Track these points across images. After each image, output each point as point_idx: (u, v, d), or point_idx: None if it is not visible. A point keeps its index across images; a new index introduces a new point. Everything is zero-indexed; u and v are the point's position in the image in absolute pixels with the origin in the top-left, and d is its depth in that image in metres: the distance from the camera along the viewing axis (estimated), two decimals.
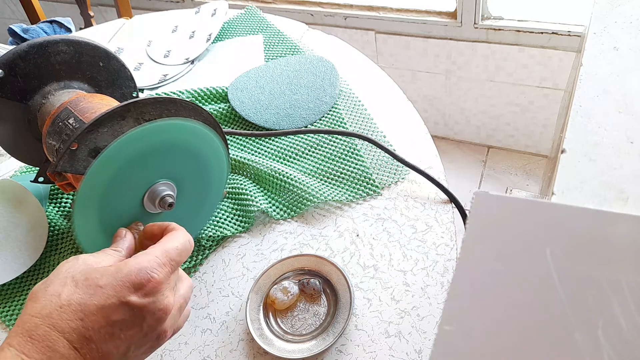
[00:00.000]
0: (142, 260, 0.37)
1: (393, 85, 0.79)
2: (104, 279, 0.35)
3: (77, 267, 0.37)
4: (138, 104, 0.49)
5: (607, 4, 0.64)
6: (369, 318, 0.52)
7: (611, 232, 0.27)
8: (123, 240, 0.43)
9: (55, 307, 0.34)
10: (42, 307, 0.34)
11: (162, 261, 0.38)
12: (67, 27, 1.14)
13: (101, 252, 0.40)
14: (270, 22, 0.98)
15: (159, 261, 0.38)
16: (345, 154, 0.68)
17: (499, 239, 0.28)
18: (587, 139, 0.49)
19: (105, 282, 0.35)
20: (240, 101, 0.78)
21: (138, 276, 0.36)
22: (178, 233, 0.42)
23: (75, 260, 0.38)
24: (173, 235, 0.41)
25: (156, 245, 0.40)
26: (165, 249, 0.39)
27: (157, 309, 0.37)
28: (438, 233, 0.58)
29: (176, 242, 0.40)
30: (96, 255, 0.39)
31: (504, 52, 1.40)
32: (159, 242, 0.41)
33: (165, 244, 0.40)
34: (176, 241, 0.41)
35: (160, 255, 0.38)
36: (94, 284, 0.35)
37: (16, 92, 0.58)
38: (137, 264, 0.37)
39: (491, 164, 1.65)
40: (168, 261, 0.39)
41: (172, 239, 0.41)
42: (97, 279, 0.35)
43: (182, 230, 0.43)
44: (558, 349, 0.24)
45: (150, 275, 0.37)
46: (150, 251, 0.39)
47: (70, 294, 0.34)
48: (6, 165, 0.79)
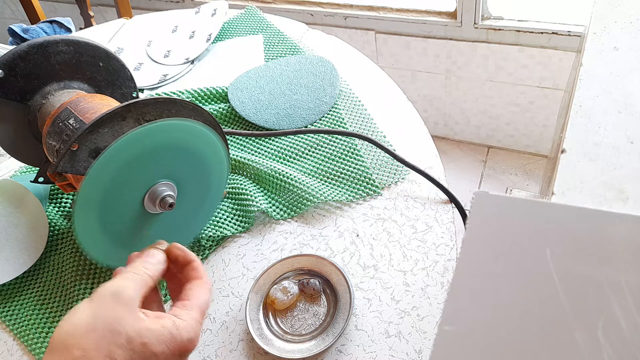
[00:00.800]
0: (190, 329, 0.37)
1: (393, 85, 0.79)
2: (159, 346, 0.35)
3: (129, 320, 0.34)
4: (138, 105, 0.49)
5: (607, 4, 0.64)
6: (369, 318, 0.52)
7: (611, 232, 0.27)
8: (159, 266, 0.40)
9: None
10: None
11: (201, 323, 0.38)
12: (67, 27, 1.14)
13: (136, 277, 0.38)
14: (270, 22, 0.98)
15: (200, 326, 0.38)
16: (345, 154, 0.68)
17: (499, 239, 0.28)
18: (587, 139, 0.49)
19: (160, 350, 0.34)
20: (240, 101, 0.78)
21: (187, 347, 0.36)
22: (205, 284, 0.41)
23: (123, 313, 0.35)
24: (203, 285, 0.41)
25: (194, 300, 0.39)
26: (202, 307, 0.39)
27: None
28: (438, 233, 0.58)
29: (207, 296, 0.40)
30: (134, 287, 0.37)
31: (504, 52, 1.40)
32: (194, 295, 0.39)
33: (201, 302, 0.39)
34: (207, 294, 0.40)
35: (200, 318, 0.38)
36: (150, 352, 0.34)
37: (16, 92, 0.58)
38: (187, 330, 0.36)
39: (491, 164, 1.65)
40: (203, 319, 0.39)
41: (203, 291, 0.40)
42: (154, 345, 0.34)
43: (206, 277, 0.42)
44: (558, 349, 0.24)
45: (193, 345, 0.37)
46: (194, 315, 0.38)
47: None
48: (6, 165, 0.79)
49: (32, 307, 0.60)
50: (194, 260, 0.42)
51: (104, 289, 0.35)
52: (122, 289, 0.36)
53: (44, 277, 0.62)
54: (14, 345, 0.57)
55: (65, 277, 0.61)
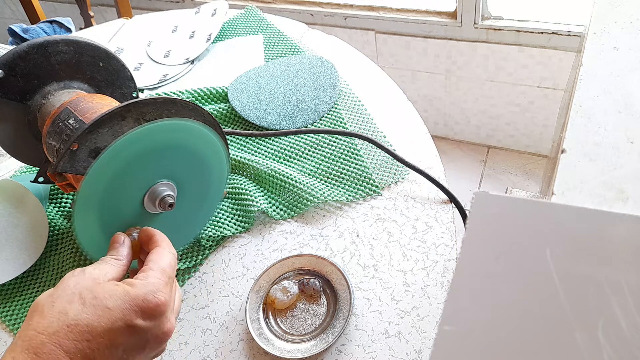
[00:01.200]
0: (147, 283, 0.37)
1: (393, 85, 0.79)
2: (112, 300, 0.35)
3: (84, 282, 0.36)
4: (138, 104, 0.49)
5: (607, 4, 0.64)
6: (369, 318, 0.52)
7: (611, 232, 0.27)
8: (122, 247, 0.43)
9: (62, 326, 0.33)
10: (49, 324, 0.34)
11: (164, 281, 0.39)
12: (67, 27, 1.14)
13: (103, 263, 0.40)
14: (270, 22, 0.98)
15: (162, 282, 0.38)
16: (345, 154, 0.68)
17: (499, 239, 0.28)
18: (587, 139, 0.49)
19: (113, 304, 0.35)
20: (240, 101, 0.78)
21: (145, 300, 0.36)
22: (164, 248, 0.42)
23: (81, 274, 0.37)
24: (161, 251, 0.42)
25: (151, 264, 0.40)
26: (162, 267, 0.39)
27: (161, 332, 0.37)
28: (438, 233, 0.58)
29: (168, 258, 0.41)
30: (100, 267, 0.39)
31: (504, 52, 1.40)
32: (152, 259, 0.41)
33: (159, 262, 0.40)
34: (167, 257, 0.41)
35: (161, 276, 0.39)
36: (102, 304, 0.35)
37: (16, 92, 0.58)
38: (143, 286, 0.37)
39: (491, 164, 1.65)
40: (168, 280, 0.39)
41: (162, 255, 0.41)
42: (106, 299, 0.35)
43: (166, 242, 0.43)
44: (558, 349, 0.24)
45: (157, 299, 0.37)
46: (150, 273, 0.39)
47: (78, 313, 0.34)
48: (6, 165, 0.79)
49: None
50: (155, 234, 0.44)
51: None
52: (85, 268, 0.38)
53: (44, 277, 0.62)
54: None
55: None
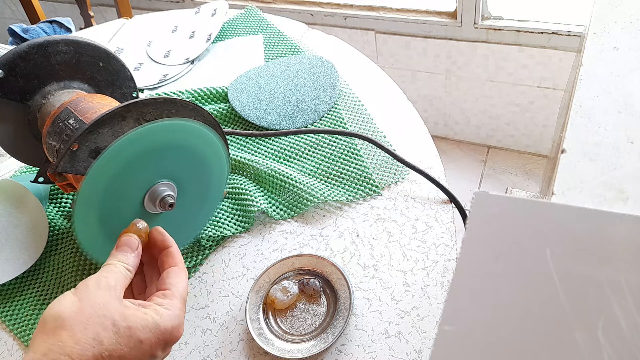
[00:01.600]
0: (174, 317, 0.37)
1: (393, 85, 0.79)
2: (144, 332, 0.35)
3: (112, 304, 0.35)
4: (138, 105, 0.49)
5: (607, 4, 0.64)
6: (369, 318, 0.52)
7: (611, 232, 0.27)
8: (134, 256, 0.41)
9: (96, 355, 0.33)
10: (83, 352, 0.32)
11: (184, 311, 0.39)
12: (67, 27, 1.14)
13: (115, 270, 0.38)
14: (270, 22, 0.98)
15: (183, 313, 0.39)
16: (345, 154, 0.68)
17: (499, 239, 0.28)
18: (587, 139, 0.49)
19: (145, 337, 0.35)
20: (240, 101, 0.78)
21: (172, 335, 0.37)
22: (182, 269, 0.42)
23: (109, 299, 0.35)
24: (180, 273, 0.41)
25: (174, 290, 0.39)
26: (182, 295, 0.40)
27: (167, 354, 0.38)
28: (438, 233, 0.58)
29: (185, 282, 0.41)
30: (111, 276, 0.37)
31: (504, 52, 1.40)
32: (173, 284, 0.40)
33: (180, 288, 0.40)
34: (185, 281, 0.41)
35: (182, 306, 0.39)
36: (135, 336, 0.35)
37: (16, 92, 0.58)
38: (171, 320, 0.37)
39: (491, 164, 1.65)
40: (184, 307, 0.39)
41: (181, 279, 0.41)
42: (139, 330, 0.35)
43: (182, 261, 0.43)
44: (558, 349, 0.24)
45: (179, 333, 0.38)
46: (175, 302, 0.38)
47: (112, 344, 0.33)
48: (6, 165, 0.79)
49: (32, 307, 0.60)
50: (171, 245, 0.43)
51: (86, 280, 0.37)
52: (102, 279, 0.37)
53: (44, 277, 0.62)
54: (14, 345, 0.57)
55: (65, 277, 0.61)
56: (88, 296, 0.35)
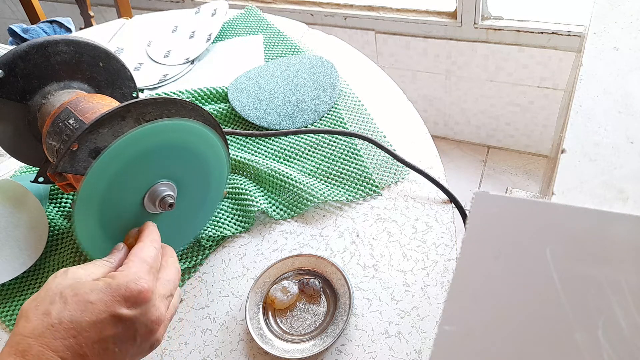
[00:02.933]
0: (128, 272, 0.38)
1: (393, 85, 0.79)
2: (93, 294, 0.35)
3: (65, 282, 0.37)
4: (138, 105, 0.49)
5: (607, 4, 0.64)
6: (369, 318, 0.52)
7: (611, 232, 0.27)
8: (118, 252, 0.43)
9: (47, 326, 0.34)
10: (34, 327, 0.34)
11: (145, 269, 0.39)
12: (67, 27, 1.14)
13: (90, 264, 0.40)
14: (270, 22, 0.98)
15: (142, 270, 0.39)
16: (345, 154, 0.68)
17: (499, 239, 0.28)
18: (587, 139, 0.49)
19: (95, 297, 0.35)
20: (240, 101, 0.78)
21: (128, 288, 0.36)
22: (145, 242, 0.43)
23: (64, 275, 0.37)
24: (142, 245, 0.42)
25: (131, 257, 0.40)
26: (141, 257, 0.40)
27: (150, 321, 0.37)
28: (438, 233, 0.58)
29: (148, 250, 0.41)
30: (85, 267, 0.39)
31: (504, 52, 1.40)
32: (132, 253, 0.41)
33: (139, 254, 0.40)
34: (148, 249, 0.41)
35: (141, 265, 0.39)
36: (84, 299, 0.35)
37: (16, 92, 0.58)
38: (124, 276, 0.37)
39: (491, 164, 1.65)
40: (149, 269, 0.39)
41: (142, 247, 0.42)
42: (87, 294, 0.35)
43: (149, 237, 0.43)
44: (558, 349, 0.24)
45: (139, 285, 0.37)
46: (130, 264, 0.39)
47: (60, 312, 0.34)
48: (6, 165, 0.79)
49: None
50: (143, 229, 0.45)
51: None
52: (68, 269, 0.38)
53: (44, 277, 0.62)
54: None
55: None
56: (45, 285, 0.37)
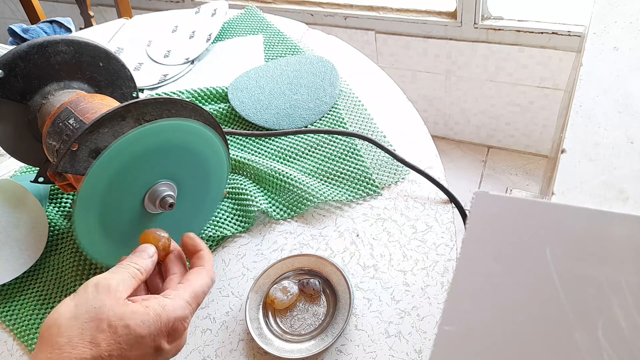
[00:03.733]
0: (178, 307, 0.37)
1: (393, 85, 0.79)
2: (145, 327, 0.35)
3: (109, 304, 0.35)
4: (139, 105, 0.49)
5: (607, 4, 0.64)
6: (369, 318, 0.52)
7: (611, 232, 0.27)
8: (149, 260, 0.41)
9: (95, 357, 0.32)
10: (80, 355, 0.32)
11: (193, 307, 0.38)
12: (67, 27, 1.14)
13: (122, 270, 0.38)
14: (270, 22, 0.98)
15: (191, 308, 0.38)
16: (345, 154, 0.68)
17: (499, 239, 0.28)
18: (587, 139, 0.49)
19: (146, 332, 0.35)
20: (240, 101, 0.78)
21: (174, 326, 0.36)
22: (206, 271, 0.41)
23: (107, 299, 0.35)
24: (201, 273, 0.41)
25: (187, 285, 0.39)
26: (195, 292, 0.39)
27: (177, 349, 0.38)
28: (438, 233, 0.58)
29: (204, 284, 0.40)
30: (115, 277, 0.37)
31: (504, 52, 1.40)
32: (189, 279, 0.40)
33: (195, 286, 0.39)
34: (204, 283, 0.40)
35: (191, 302, 0.38)
36: (135, 333, 0.34)
37: (16, 92, 0.58)
38: (174, 312, 0.36)
39: (491, 164, 1.65)
40: (196, 305, 0.39)
41: (201, 278, 0.40)
42: (139, 326, 0.34)
43: (210, 264, 0.42)
44: (558, 349, 0.24)
45: (184, 326, 0.37)
46: (182, 294, 0.38)
47: (111, 345, 0.33)
48: (6, 165, 0.79)
49: (32, 307, 0.60)
50: (202, 249, 0.43)
51: (86, 282, 0.36)
52: (103, 280, 0.36)
53: (44, 277, 0.62)
54: (14, 345, 0.57)
55: (65, 277, 0.61)
56: (85, 300, 0.35)
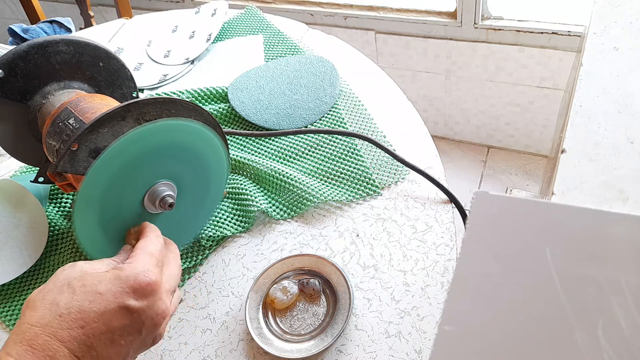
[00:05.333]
0: (136, 264, 0.38)
1: (393, 85, 0.79)
2: (102, 285, 0.35)
3: (73, 273, 0.37)
4: (138, 104, 0.49)
5: (607, 4, 0.64)
6: (369, 318, 0.52)
7: (611, 232, 0.27)
8: (124, 252, 0.43)
9: (54, 316, 0.33)
10: (41, 316, 0.34)
11: (153, 262, 0.39)
12: (67, 27, 1.14)
13: (97, 261, 0.40)
14: (270, 22, 0.98)
15: (151, 263, 0.39)
16: (345, 154, 0.68)
17: (499, 239, 0.28)
18: (587, 139, 0.49)
19: (104, 288, 0.35)
20: (240, 101, 0.78)
21: (136, 279, 0.36)
22: (150, 236, 0.43)
23: (72, 267, 0.38)
24: (147, 239, 0.42)
25: (138, 250, 0.40)
26: (149, 251, 0.40)
27: (155, 314, 0.37)
28: (438, 233, 0.58)
29: (154, 244, 0.42)
30: (92, 263, 0.39)
31: (504, 52, 1.40)
32: (138, 246, 0.41)
33: (146, 248, 0.41)
34: (154, 243, 0.42)
35: (149, 258, 0.39)
36: (92, 290, 0.35)
37: (16, 92, 0.58)
38: (133, 268, 0.37)
39: (491, 164, 1.65)
40: (156, 262, 0.39)
41: (148, 241, 0.42)
42: (96, 285, 0.35)
43: (153, 232, 0.44)
44: (558, 349, 0.24)
45: (147, 277, 0.37)
46: (138, 257, 0.39)
47: (69, 302, 0.34)
48: (6, 165, 0.79)
49: None
50: (144, 227, 0.45)
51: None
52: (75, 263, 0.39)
53: (44, 277, 0.62)
54: None
55: None
56: (53, 277, 0.37)
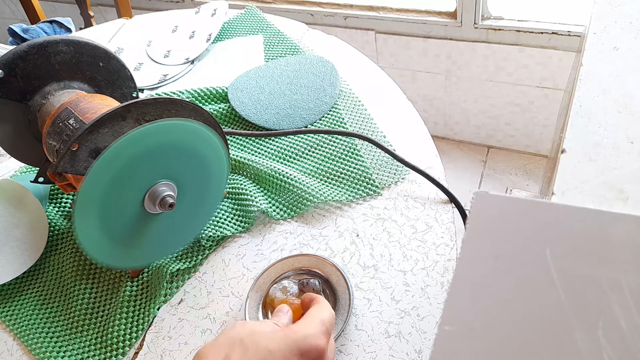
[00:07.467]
0: (307, 327, 0.39)
1: (393, 85, 0.79)
2: (274, 344, 0.37)
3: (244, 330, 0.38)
4: (139, 105, 0.49)
5: (607, 4, 0.64)
6: (369, 318, 0.52)
7: (611, 232, 0.27)
8: (284, 315, 0.45)
9: None
10: None
11: (322, 330, 0.40)
12: (67, 27, 1.14)
13: (263, 322, 0.42)
14: (270, 22, 0.98)
15: (321, 329, 0.40)
16: (345, 154, 0.68)
17: (499, 239, 0.28)
18: (587, 139, 0.49)
19: (275, 347, 0.36)
20: (240, 101, 0.78)
21: (305, 343, 0.38)
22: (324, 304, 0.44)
23: (242, 326, 0.39)
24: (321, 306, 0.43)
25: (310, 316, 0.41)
26: (321, 318, 0.41)
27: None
28: (438, 233, 0.58)
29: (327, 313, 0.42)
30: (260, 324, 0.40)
31: (504, 52, 1.40)
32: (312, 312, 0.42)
33: (318, 315, 0.41)
34: (327, 312, 0.43)
35: (320, 325, 0.40)
36: (264, 348, 0.36)
37: (16, 92, 0.58)
38: (304, 329, 0.38)
39: (491, 164, 1.65)
40: (326, 330, 0.40)
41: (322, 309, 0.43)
42: (267, 343, 0.37)
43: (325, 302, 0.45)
44: (558, 349, 0.24)
45: (316, 343, 0.38)
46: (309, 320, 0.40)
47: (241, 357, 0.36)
48: (6, 165, 0.79)
49: (32, 307, 0.60)
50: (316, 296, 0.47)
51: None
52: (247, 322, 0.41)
53: (44, 277, 0.62)
54: (14, 345, 0.57)
55: (65, 277, 0.61)
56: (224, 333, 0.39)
